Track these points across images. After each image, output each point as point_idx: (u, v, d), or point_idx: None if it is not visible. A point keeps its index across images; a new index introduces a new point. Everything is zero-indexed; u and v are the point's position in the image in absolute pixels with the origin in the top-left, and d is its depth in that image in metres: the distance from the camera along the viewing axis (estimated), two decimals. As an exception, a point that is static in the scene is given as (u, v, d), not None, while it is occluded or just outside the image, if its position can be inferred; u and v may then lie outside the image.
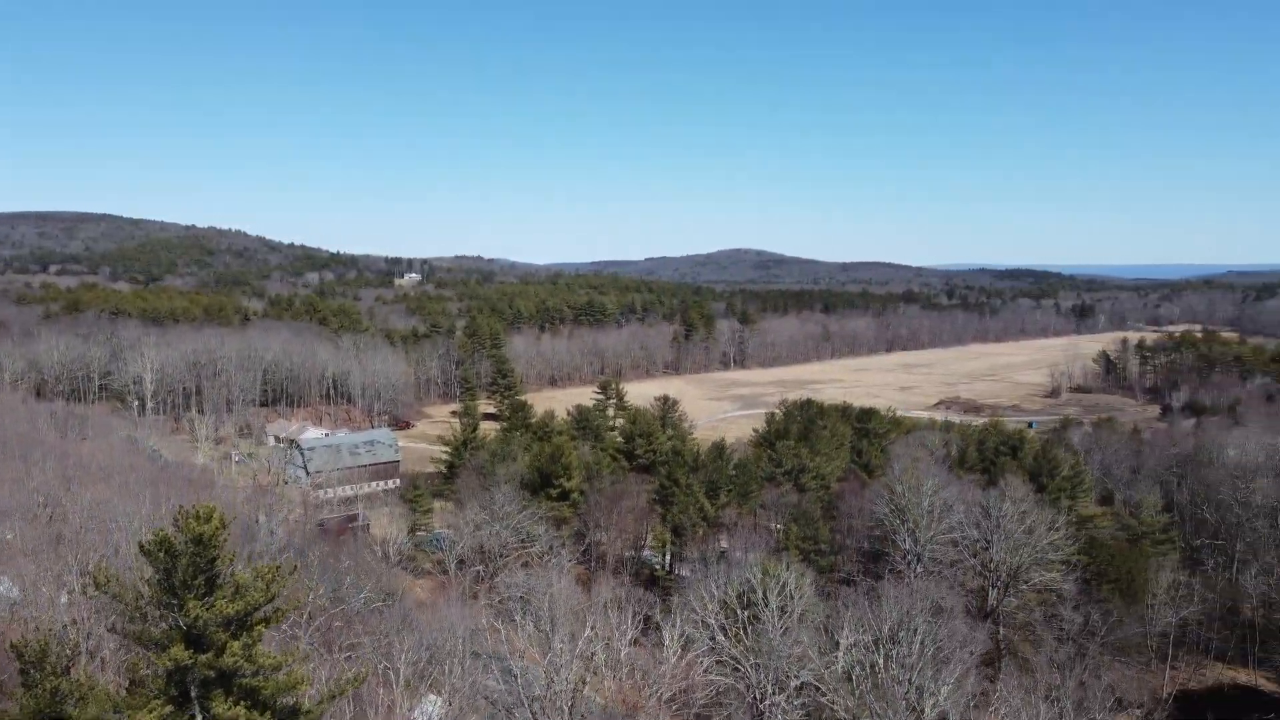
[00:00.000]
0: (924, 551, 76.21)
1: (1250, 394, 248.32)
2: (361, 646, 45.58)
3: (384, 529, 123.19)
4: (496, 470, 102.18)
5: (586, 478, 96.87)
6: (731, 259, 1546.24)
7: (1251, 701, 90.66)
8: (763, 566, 61.55)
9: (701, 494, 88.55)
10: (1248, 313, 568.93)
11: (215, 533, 25.58)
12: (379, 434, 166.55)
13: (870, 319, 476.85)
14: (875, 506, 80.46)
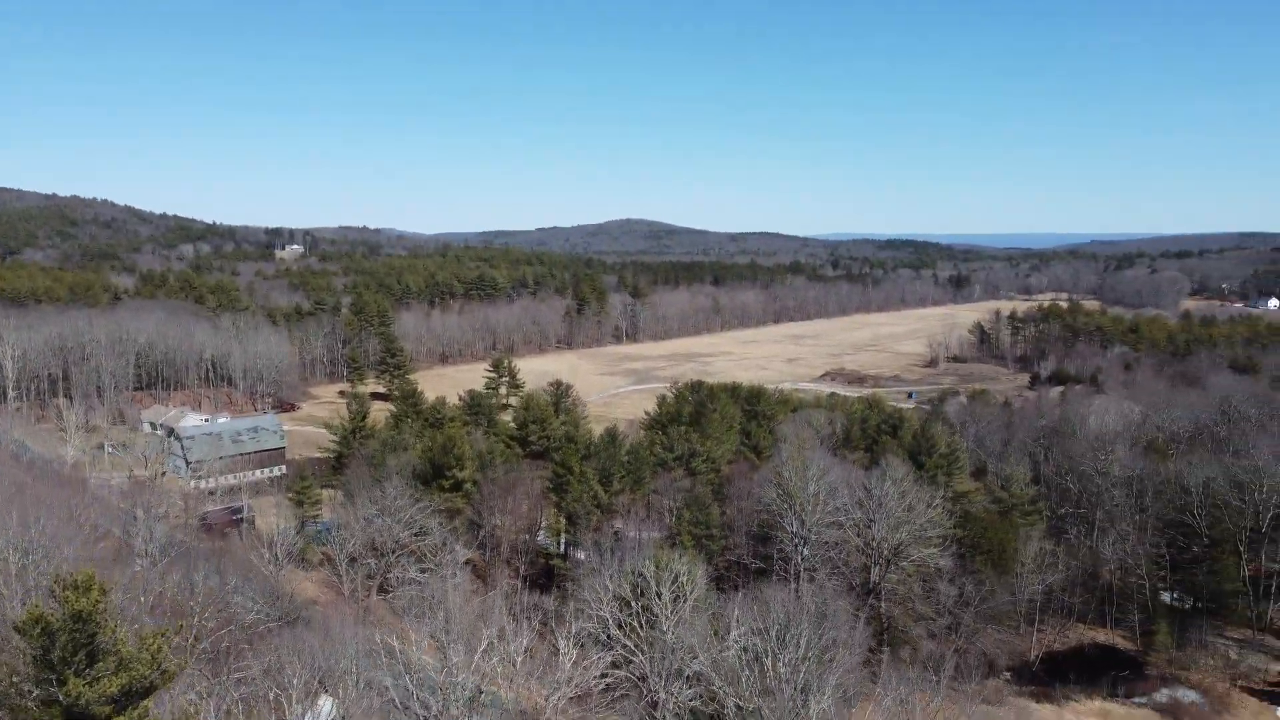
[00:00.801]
0: (810, 534, 78.94)
1: (1110, 362, 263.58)
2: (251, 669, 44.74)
3: (270, 522, 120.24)
4: (387, 461, 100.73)
5: (480, 467, 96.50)
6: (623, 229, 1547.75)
7: (1109, 659, 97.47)
8: (655, 559, 62.78)
9: (595, 481, 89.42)
10: (1109, 282, 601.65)
11: (95, 606, 24.55)
12: (263, 420, 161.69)
13: (759, 291, 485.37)
14: (764, 491, 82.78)
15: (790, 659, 44.32)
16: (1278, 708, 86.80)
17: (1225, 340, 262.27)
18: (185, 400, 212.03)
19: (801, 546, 79.04)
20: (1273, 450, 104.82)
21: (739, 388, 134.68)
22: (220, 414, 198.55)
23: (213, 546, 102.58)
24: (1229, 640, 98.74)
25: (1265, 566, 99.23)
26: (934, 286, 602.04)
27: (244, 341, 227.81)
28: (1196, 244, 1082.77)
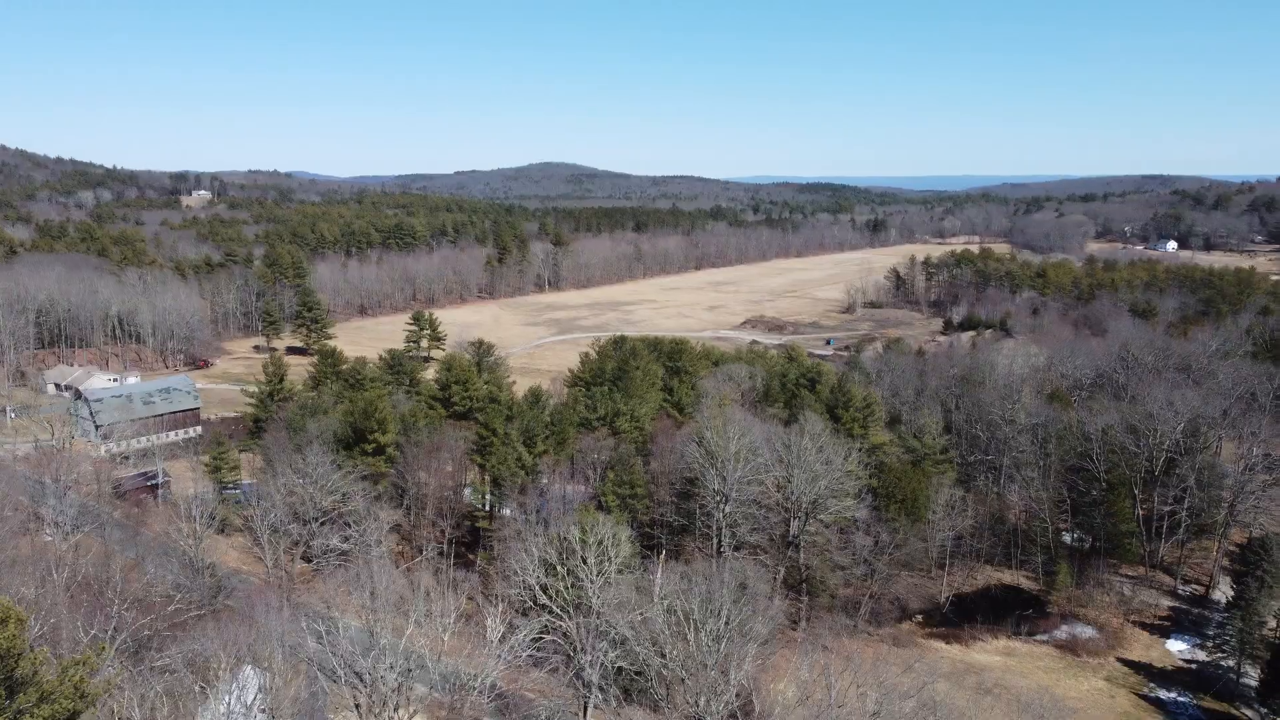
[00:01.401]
0: (731, 491, 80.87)
1: (1019, 307, 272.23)
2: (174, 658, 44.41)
3: (187, 487, 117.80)
4: (307, 425, 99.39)
5: (402, 430, 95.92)
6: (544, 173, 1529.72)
7: (1014, 599, 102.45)
8: (580, 525, 63.76)
9: (519, 443, 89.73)
10: (1018, 225, 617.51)
11: (14, 638, 23.93)
12: (175, 380, 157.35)
13: (680, 237, 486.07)
14: (687, 450, 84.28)
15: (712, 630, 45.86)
16: (1166, 640, 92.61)
17: (1126, 284, 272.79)
18: (92, 359, 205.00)
19: (723, 504, 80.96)
20: (1166, 397, 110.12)
21: (661, 342, 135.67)
22: (130, 373, 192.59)
23: (128, 515, 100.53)
24: (1123, 578, 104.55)
25: (1157, 509, 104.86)
26: (852, 231, 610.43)
27: (152, 297, 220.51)
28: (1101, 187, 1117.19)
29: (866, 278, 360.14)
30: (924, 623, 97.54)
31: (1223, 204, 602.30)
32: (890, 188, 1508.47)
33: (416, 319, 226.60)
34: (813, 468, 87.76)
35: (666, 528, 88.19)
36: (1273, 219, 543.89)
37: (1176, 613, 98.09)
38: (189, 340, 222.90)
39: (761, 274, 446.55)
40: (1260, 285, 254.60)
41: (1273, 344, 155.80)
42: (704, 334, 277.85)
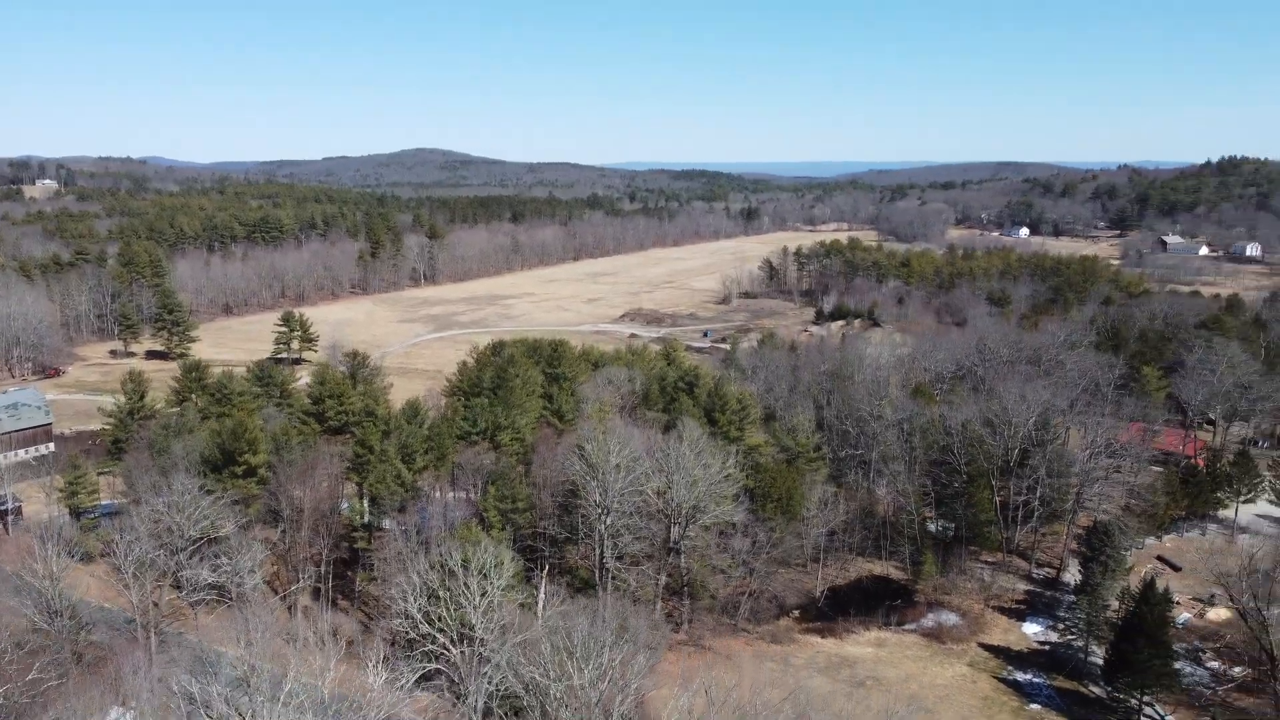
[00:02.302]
0: (613, 503, 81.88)
1: (886, 296, 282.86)
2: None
3: (41, 510, 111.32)
4: (172, 446, 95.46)
5: (274, 449, 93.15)
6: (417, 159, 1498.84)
7: (885, 590, 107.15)
8: (463, 552, 63.60)
9: (398, 460, 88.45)
10: (884, 212, 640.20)
11: None
12: (23, 395, 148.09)
13: (558, 228, 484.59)
14: (568, 462, 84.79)
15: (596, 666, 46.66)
16: (1023, 623, 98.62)
17: (983, 273, 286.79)
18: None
19: (605, 516, 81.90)
20: (1019, 391, 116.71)
21: (540, 346, 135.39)
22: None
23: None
24: (984, 564, 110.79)
25: (1013, 497, 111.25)
26: (726, 219, 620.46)
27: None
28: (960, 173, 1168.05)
29: (741, 267, 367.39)
30: (801, 618, 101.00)
31: (1070, 192, 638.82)
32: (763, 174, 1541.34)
33: (286, 320, 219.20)
34: (692, 474, 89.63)
35: (550, 540, 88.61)
36: (1114, 206, 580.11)
37: (1032, 596, 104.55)
38: (37, 347, 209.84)
39: (639, 264, 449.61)
40: (1103, 274, 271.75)
41: (1113, 333, 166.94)
42: (583, 328, 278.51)
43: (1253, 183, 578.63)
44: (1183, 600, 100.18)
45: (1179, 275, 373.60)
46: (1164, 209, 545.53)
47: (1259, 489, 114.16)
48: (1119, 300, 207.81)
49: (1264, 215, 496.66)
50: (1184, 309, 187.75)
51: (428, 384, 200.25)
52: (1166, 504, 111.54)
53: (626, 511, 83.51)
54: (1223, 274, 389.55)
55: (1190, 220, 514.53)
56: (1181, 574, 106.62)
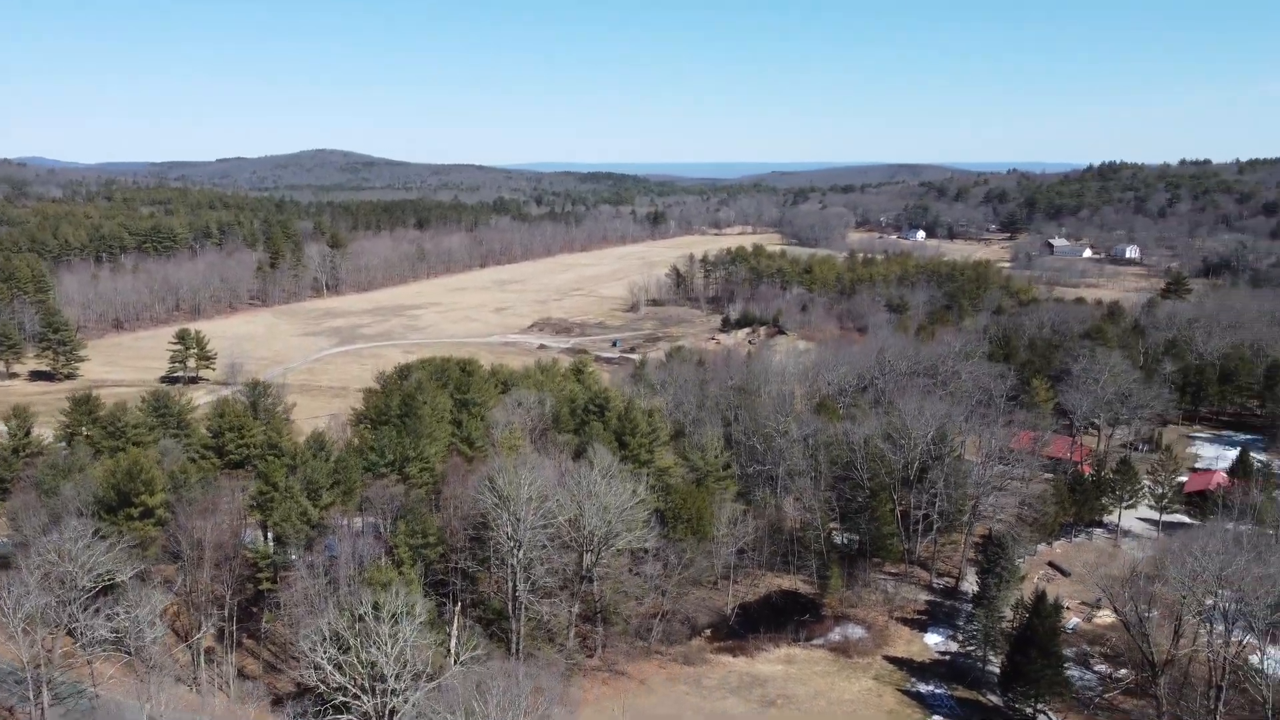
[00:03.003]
0: (525, 536, 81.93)
1: (789, 303, 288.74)
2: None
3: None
4: (61, 487, 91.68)
5: (173, 488, 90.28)
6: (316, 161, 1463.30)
7: (793, 604, 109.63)
8: (373, 596, 62.97)
9: (303, 496, 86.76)
10: (787, 216, 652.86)
11: None
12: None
13: (464, 234, 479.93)
14: (479, 495, 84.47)
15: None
16: (925, 634, 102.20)
17: (882, 280, 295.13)
18: None
19: (517, 550, 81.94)
20: (917, 405, 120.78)
21: (449, 367, 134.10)
22: None
23: None
24: (887, 575, 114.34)
25: (913, 509, 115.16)
26: (633, 224, 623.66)
27: None
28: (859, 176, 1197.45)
29: (648, 273, 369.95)
30: (713, 637, 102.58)
31: (963, 196, 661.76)
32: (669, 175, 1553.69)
33: (182, 337, 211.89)
34: (603, 501, 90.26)
35: (461, 574, 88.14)
36: (1004, 210, 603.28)
37: (932, 606, 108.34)
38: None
39: (547, 270, 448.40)
40: (994, 279, 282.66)
41: (1005, 342, 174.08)
42: (492, 339, 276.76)
43: (1131, 187, 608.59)
44: (1072, 605, 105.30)
45: (1065, 277, 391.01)
46: (1050, 212, 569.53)
47: (1139, 495, 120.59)
48: (1010, 309, 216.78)
49: (1141, 218, 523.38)
50: (1070, 317, 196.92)
51: (333, 401, 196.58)
52: (1056, 512, 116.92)
53: (539, 544, 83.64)
54: (1105, 276, 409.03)
55: (1074, 223, 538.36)
56: (1071, 579, 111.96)
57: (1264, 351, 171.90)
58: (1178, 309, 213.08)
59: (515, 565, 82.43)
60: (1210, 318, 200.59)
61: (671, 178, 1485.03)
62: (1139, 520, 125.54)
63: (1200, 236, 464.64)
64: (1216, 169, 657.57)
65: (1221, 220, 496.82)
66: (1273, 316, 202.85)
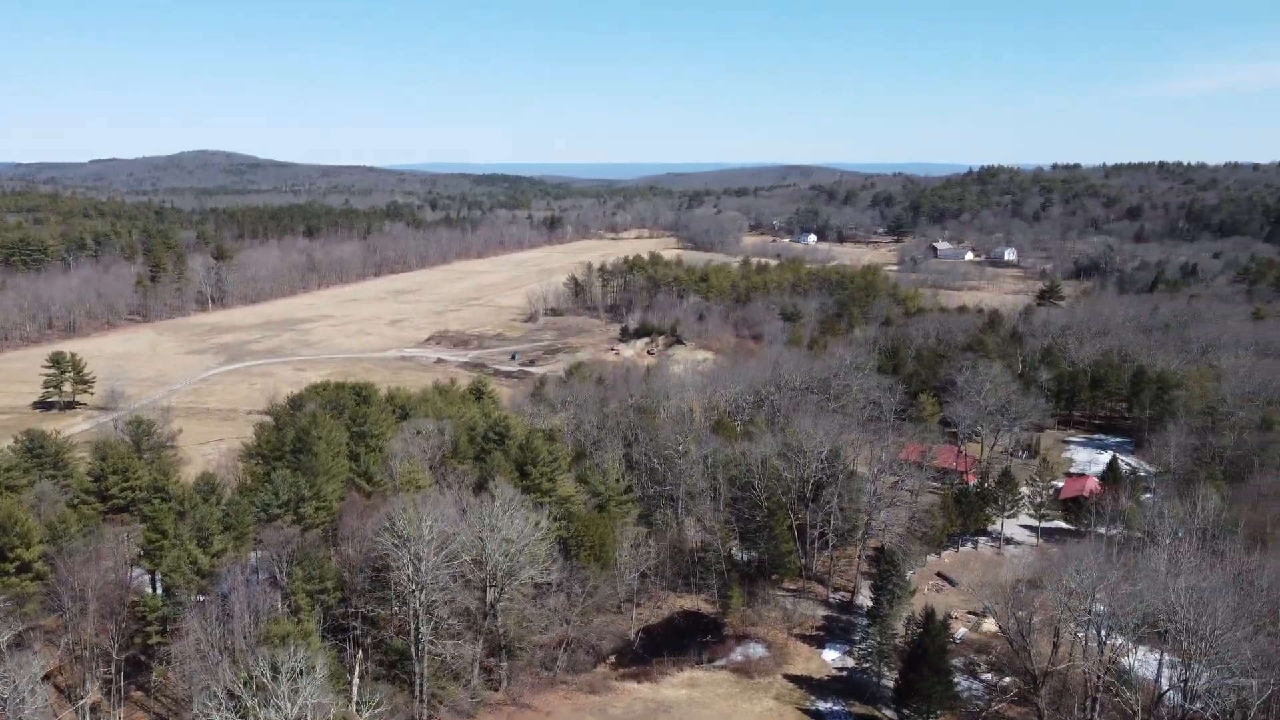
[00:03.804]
0: (426, 578, 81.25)
1: (687, 312, 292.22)
2: None
3: None
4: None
5: (51, 537, 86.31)
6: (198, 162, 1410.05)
7: (696, 625, 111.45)
8: (271, 656, 61.69)
9: (193, 544, 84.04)
10: (683, 219, 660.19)
11: None
12: None
13: (357, 242, 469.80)
14: (380, 539, 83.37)
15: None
16: (823, 650, 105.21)
17: (776, 287, 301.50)
18: None
19: (419, 592, 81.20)
20: (812, 423, 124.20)
21: (344, 393, 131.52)
22: None
23: None
24: (786, 591, 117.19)
25: (809, 525, 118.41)
26: (530, 229, 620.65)
27: None
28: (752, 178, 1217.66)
29: (547, 281, 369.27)
30: (617, 663, 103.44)
31: (851, 199, 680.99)
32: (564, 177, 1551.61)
33: (56, 360, 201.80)
34: (505, 534, 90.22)
35: (362, 617, 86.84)
36: (891, 213, 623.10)
37: (829, 621, 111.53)
38: None
39: (443, 279, 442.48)
40: (882, 287, 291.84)
41: (894, 353, 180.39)
42: (388, 353, 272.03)
43: (1008, 190, 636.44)
44: (959, 615, 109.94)
45: (949, 280, 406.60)
46: (934, 215, 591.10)
47: (1020, 505, 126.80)
48: (897, 320, 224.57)
49: (1017, 221, 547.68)
50: (954, 326, 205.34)
51: (221, 425, 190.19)
52: (944, 524, 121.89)
53: (441, 583, 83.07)
54: (986, 278, 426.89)
55: (956, 226, 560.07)
56: (958, 589, 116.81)
57: (1130, 357, 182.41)
58: (1052, 316, 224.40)
59: (417, 607, 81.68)
60: (1082, 324, 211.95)
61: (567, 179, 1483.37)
62: (1021, 527, 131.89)
63: (1072, 239, 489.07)
64: (1085, 173, 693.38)
65: (1091, 223, 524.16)
66: (1137, 323, 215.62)
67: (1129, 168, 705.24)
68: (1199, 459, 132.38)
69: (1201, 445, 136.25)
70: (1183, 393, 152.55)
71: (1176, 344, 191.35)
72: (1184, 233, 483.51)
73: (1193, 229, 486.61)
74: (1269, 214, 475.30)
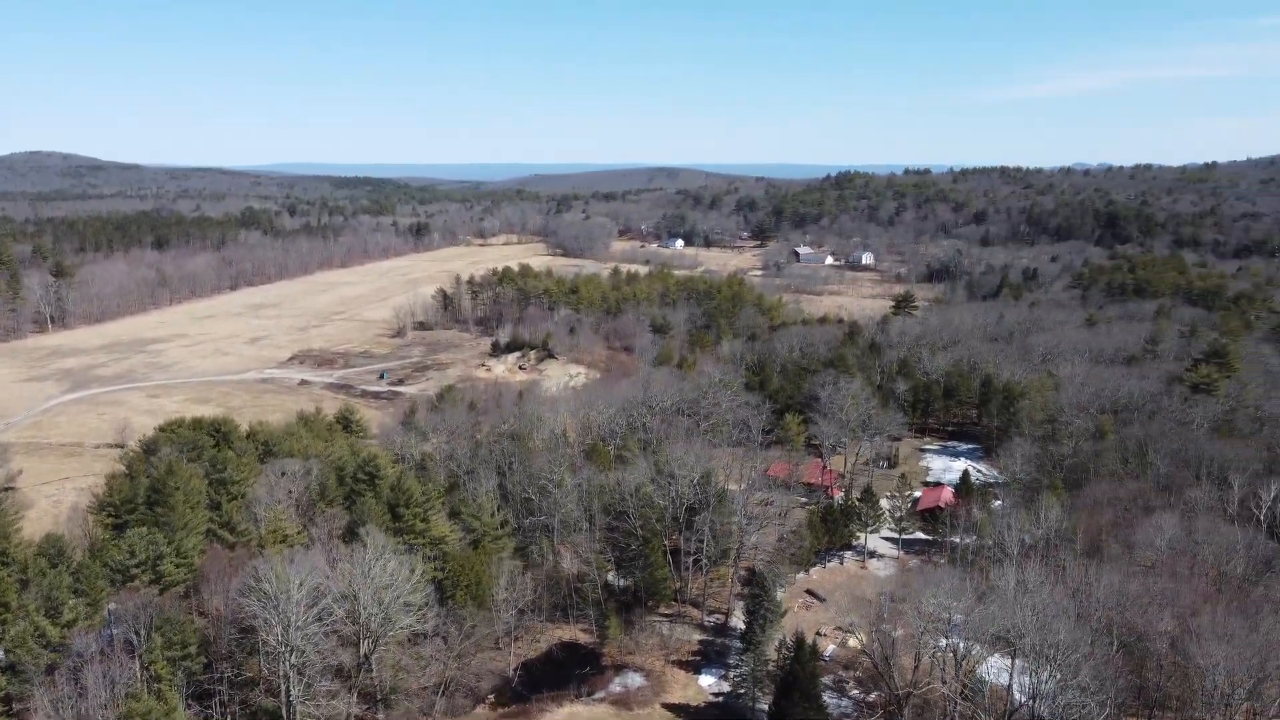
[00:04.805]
0: (297, 639, 79.16)
1: (558, 325, 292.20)
2: None
3: None
4: None
5: (-124, 615, 79.82)
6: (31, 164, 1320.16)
7: (574, 657, 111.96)
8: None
9: (39, 614, 79.28)
10: (552, 224, 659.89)
11: None
12: None
13: (211, 254, 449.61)
14: (245, 601, 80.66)
15: None
16: (699, 676, 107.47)
17: (646, 298, 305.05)
18: None
19: (289, 653, 79.04)
20: (683, 450, 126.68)
21: (200, 436, 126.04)
22: None
23: None
24: (662, 617, 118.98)
25: (683, 551, 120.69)
26: (395, 236, 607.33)
27: None
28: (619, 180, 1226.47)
29: (414, 293, 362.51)
30: (496, 702, 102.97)
31: (717, 204, 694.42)
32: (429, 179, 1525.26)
33: None
34: (379, 584, 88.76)
35: (229, 682, 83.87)
36: (755, 218, 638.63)
37: (705, 646, 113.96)
38: None
39: (305, 291, 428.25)
40: (748, 297, 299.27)
41: (760, 369, 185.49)
42: (248, 375, 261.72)
43: (864, 195, 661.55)
44: (828, 632, 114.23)
45: (811, 285, 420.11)
46: (795, 220, 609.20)
47: (881, 520, 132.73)
48: (762, 334, 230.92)
49: (874, 226, 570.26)
50: (816, 339, 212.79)
51: (66, 463, 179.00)
52: (811, 542, 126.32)
53: (313, 644, 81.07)
54: (845, 282, 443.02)
55: (817, 230, 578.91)
56: (826, 605, 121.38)
57: (978, 367, 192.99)
58: (907, 326, 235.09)
59: (288, 669, 79.52)
60: (934, 333, 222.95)
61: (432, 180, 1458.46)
62: (883, 539, 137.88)
63: (924, 243, 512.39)
64: (935, 178, 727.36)
65: (941, 228, 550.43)
66: (985, 331, 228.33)
67: (975, 172, 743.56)
68: (1041, 467, 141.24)
69: (1043, 454, 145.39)
70: (1027, 403, 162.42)
71: (1019, 352, 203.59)
72: (1025, 236, 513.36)
73: (1033, 232, 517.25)
74: (1099, 218, 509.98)
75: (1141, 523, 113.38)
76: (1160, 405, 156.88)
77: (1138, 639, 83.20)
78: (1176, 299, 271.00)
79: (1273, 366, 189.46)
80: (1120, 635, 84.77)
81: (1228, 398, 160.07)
